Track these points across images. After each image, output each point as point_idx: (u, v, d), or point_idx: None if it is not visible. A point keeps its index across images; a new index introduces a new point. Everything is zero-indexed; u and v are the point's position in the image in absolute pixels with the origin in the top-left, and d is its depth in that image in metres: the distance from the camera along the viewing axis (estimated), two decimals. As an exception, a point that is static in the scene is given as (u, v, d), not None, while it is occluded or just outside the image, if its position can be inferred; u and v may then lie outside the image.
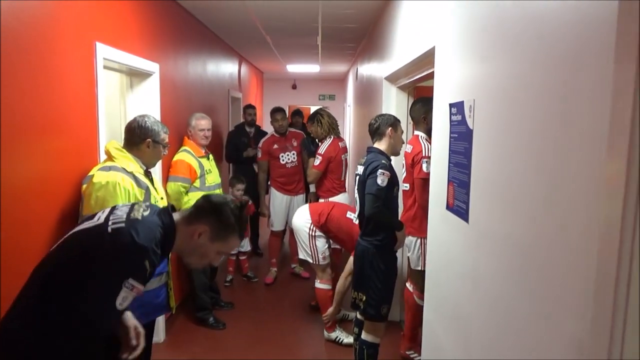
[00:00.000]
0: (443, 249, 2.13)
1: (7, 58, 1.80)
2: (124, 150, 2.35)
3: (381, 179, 2.61)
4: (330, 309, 3.57)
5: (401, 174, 3.28)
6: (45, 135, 2.08)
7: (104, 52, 2.60)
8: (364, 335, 2.83)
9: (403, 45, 3.15)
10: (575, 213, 1.00)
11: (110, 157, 2.30)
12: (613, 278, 0.86)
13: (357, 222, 3.24)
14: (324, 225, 3.63)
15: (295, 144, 4.97)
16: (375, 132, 2.85)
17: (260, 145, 5.00)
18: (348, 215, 3.57)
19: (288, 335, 3.82)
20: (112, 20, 2.77)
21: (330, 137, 4.45)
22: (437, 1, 2.20)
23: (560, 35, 1.08)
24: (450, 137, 1.95)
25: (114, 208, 1.60)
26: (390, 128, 2.80)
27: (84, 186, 2.21)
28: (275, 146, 4.91)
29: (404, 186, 3.21)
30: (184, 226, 1.61)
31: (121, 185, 2.17)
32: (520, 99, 1.30)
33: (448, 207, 1.98)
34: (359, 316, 2.99)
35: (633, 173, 0.83)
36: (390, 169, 2.69)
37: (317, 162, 4.39)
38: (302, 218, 3.73)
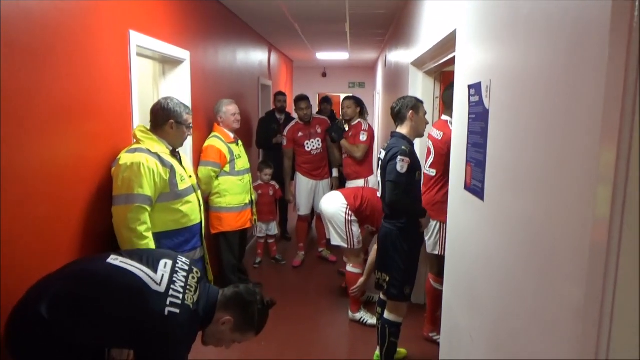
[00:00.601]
0: (461, 228, 2.17)
1: (46, 45, 1.92)
2: (149, 132, 2.48)
3: (400, 165, 2.63)
4: (361, 279, 3.61)
5: (424, 158, 3.31)
6: (82, 119, 2.21)
7: (137, 39, 2.72)
8: (386, 315, 2.90)
9: (428, 30, 3.16)
10: (574, 193, 1.04)
11: (137, 140, 2.44)
12: (604, 249, 0.90)
13: None
14: (360, 207, 3.68)
15: (319, 130, 5.03)
16: (397, 116, 2.87)
17: (285, 133, 5.09)
18: (379, 195, 3.61)
19: (314, 315, 3.93)
20: (145, 8, 2.89)
21: (365, 120, 4.76)
22: (459, -16, 2.22)
23: (565, 18, 1.11)
24: (469, 118, 1.98)
25: (174, 269, 1.75)
26: (411, 111, 2.82)
27: (113, 168, 2.35)
28: (300, 134, 4.98)
29: (430, 172, 3.23)
30: (217, 311, 1.81)
31: (145, 166, 2.30)
32: (531, 81, 1.33)
33: (466, 187, 2.02)
34: (382, 297, 3.06)
35: (622, 161, 0.86)
36: (411, 154, 2.70)
37: (363, 137, 4.63)
38: (337, 203, 3.75)
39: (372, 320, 3.63)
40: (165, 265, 1.75)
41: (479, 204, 1.80)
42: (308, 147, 5.00)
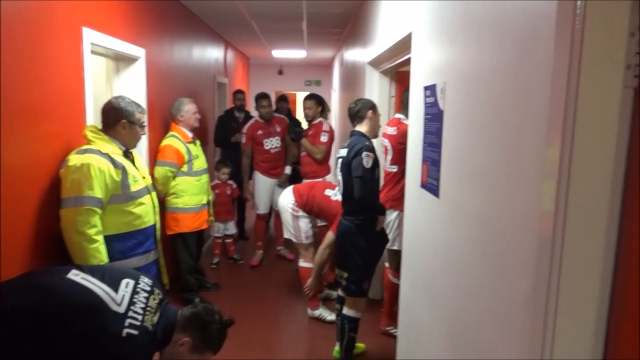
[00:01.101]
0: (418, 225, 2.24)
1: (-4, 42, 1.85)
2: (100, 132, 2.41)
3: (366, 161, 2.70)
4: (310, 280, 3.66)
5: (381, 156, 3.39)
6: (35, 119, 2.13)
7: (91, 37, 2.64)
8: (345, 311, 2.96)
9: (384, 31, 3.24)
10: (524, 189, 1.12)
11: (87, 140, 2.37)
12: (550, 241, 0.97)
13: (335, 198, 3.37)
14: (306, 204, 3.74)
15: (278, 129, 5.03)
16: (356, 115, 2.93)
17: (244, 130, 5.05)
18: (325, 193, 3.67)
19: (273, 314, 3.95)
20: (99, 5, 2.81)
21: (326, 119, 4.73)
22: (414, -12, 2.29)
23: (514, 21, 1.19)
24: (425, 119, 2.06)
25: (135, 289, 1.74)
26: (370, 111, 2.90)
27: (62, 170, 2.27)
28: (260, 132, 4.97)
29: (392, 168, 3.31)
30: (175, 332, 1.80)
31: (95, 167, 2.23)
32: (483, 82, 1.40)
33: (422, 185, 2.10)
34: (340, 293, 3.11)
35: (565, 158, 0.94)
36: (373, 150, 2.78)
37: (324, 138, 4.60)
38: (286, 199, 3.83)
39: (331, 316, 3.69)
40: (126, 285, 1.74)
41: (435, 201, 1.88)
42: (267, 146, 5.00)
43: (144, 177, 2.55)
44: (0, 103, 1.88)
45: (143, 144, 3.57)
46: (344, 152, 2.88)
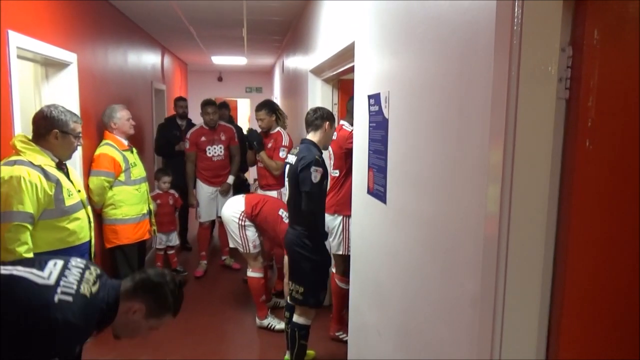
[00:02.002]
0: (366, 231, 2.28)
1: None
2: (31, 143, 2.27)
3: (314, 176, 2.69)
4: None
5: (329, 161, 3.44)
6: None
7: (17, 40, 2.48)
8: (295, 319, 2.95)
9: (326, 39, 3.28)
10: (469, 193, 1.17)
11: (16, 151, 2.22)
12: (495, 242, 1.02)
13: (287, 221, 3.34)
14: (255, 216, 3.68)
15: (223, 137, 4.94)
16: (312, 123, 2.92)
17: (188, 136, 4.92)
18: (279, 213, 3.61)
19: (220, 325, 3.87)
20: (26, 7, 2.65)
21: (284, 129, 4.48)
22: (356, -1, 2.34)
23: (455, 29, 1.24)
24: (370, 127, 2.10)
25: (66, 266, 1.59)
26: (327, 122, 2.88)
27: None
28: (203, 138, 4.86)
29: (334, 172, 3.34)
30: (122, 301, 1.66)
31: (27, 180, 2.11)
32: (426, 91, 1.45)
33: (369, 192, 2.14)
34: (289, 301, 3.10)
35: (508, 162, 0.99)
36: (322, 163, 2.78)
37: (282, 153, 4.27)
38: (233, 207, 3.71)
39: (279, 325, 3.66)
40: (54, 265, 1.61)
41: (382, 207, 1.92)
42: (209, 153, 4.89)
43: (79, 191, 2.43)
44: None
45: (76, 154, 3.38)
46: (292, 159, 2.88)
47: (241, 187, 5.21)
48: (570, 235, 0.97)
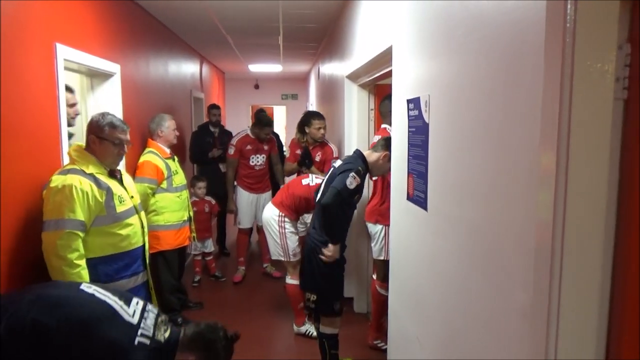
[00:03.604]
0: (404, 238, 2.24)
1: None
2: (85, 151, 2.33)
3: (350, 181, 2.65)
4: None
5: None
6: (7, 138, 2.05)
7: (64, 53, 2.58)
8: (321, 329, 2.93)
9: (362, 44, 3.26)
10: (517, 198, 1.12)
11: (72, 160, 2.30)
12: (548, 253, 0.97)
13: (314, 183, 3.41)
14: (290, 206, 3.62)
15: (266, 147, 4.96)
16: (377, 144, 2.93)
17: (233, 142, 4.93)
18: (303, 183, 3.61)
19: (258, 331, 3.87)
20: (72, 21, 2.75)
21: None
22: (393, 1, 2.31)
23: (501, 29, 1.20)
24: (409, 131, 2.06)
25: (145, 308, 1.81)
26: (387, 153, 2.80)
27: (44, 191, 2.20)
28: (249, 147, 4.88)
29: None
30: (179, 351, 1.79)
31: (78, 188, 2.16)
32: (468, 94, 1.41)
33: (408, 198, 2.10)
34: (304, 309, 3.11)
35: (562, 164, 0.94)
36: (363, 176, 2.76)
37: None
38: (269, 213, 3.73)
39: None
40: (137, 303, 1.80)
41: (423, 214, 1.87)
42: (252, 162, 4.92)
43: (132, 197, 2.48)
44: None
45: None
46: (337, 163, 2.90)
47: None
48: (630, 243, 0.91)
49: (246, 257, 5.21)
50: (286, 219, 3.64)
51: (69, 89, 2.68)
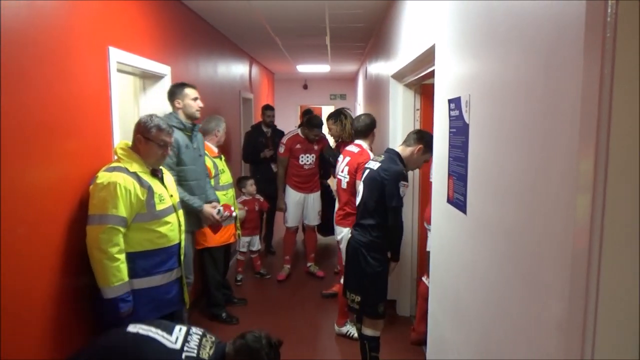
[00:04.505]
0: (445, 241, 2.18)
1: (23, 63, 1.89)
2: (130, 150, 2.43)
3: (402, 190, 2.69)
4: None
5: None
6: (62, 138, 2.18)
7: (117, 55, 2.70)
8: (364, 330, 2.90)
9: (407, 43, 3.21)
10: (555, 204, 1.06)
11: (117, 158, 2.40)
12: (585, 262, 0.91)
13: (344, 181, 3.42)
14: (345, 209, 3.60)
15: (316, 147, 4.98)
16: (409, 138, 2.91)
17: (283, 141, 4.99)
18: (343, 187, 3.57)
19: (299, 329, 3.90)
20: (124, 24, 2.88)
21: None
22: (436, 0, 2.26)
23: (539, 34, 1.14)
24: (450, 132, 2.01)
25: (188, 332, 1.94)
26: (421, 146, 2.81)
27: (91, 187, 2.31)
28: (298, 146, 4.91)
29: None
30: None
31: (121, 186, 2.25)
32: (509, 95, 1.35)
33: (448, 200, 2.04)
34: (348, 310, 3.09)
35: (600, 170, 0.89)
36: (406, 177, 2.78)
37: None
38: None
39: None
40: (179, 330, 1.93)
41: (462, 217, 1.82)
42: (302, 161, 4.95)
43: (171, 196, 2.56)
44: (29, 124, 1.93)
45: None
46: (374, 165, 2.86)
47: (324, 193, 5.23)
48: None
49: (292, 256, 5.26)
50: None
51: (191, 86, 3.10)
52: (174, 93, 3.24)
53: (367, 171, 2.91)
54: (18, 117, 1.85)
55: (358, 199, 2.97)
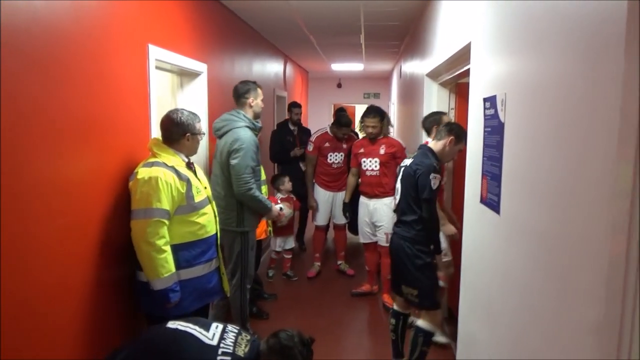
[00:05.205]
0: (477, 242, 2.15)
1: (66, 61, 1.96)
2: (164, 145, 2.48)
3: (434, 182, 2.74)
4: None
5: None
6: (102, 133, 2.24)
7: (156, 53, 2.77)
8: (420, 323, 2.88)
9: (442, 42, 3.17)
10: (592, 207, 1.03)
11: (153, 154, 2.46)
12: (623, 265, 0.89)
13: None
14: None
15: (345, 146, 4.96)
16: (439, 132, 2.95)
17: (312, 139, 5.00)
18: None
19: (327, 326, 3.91)
20: (163, 22, 2.95)
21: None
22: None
23: (580, 30, 1.11)
24: (484, 131, 1.98)
25: (224, 329, 1.98)
26: (451, 137, 2.84)
27: (131, 182, 2.38)
28: (327, 144, 4.91)
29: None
30: None
31: (163, 180, 2.31)
32: (547, 94, 1.32)
33: (482, 200, 2.01)
34: (395, 307, 3.06)
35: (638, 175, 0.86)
36: (439, 170, 2.80)
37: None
38: None
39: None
40: (216, 327, 1.97)
41: (495, 218, 1.79)
42: (330, 159, 4.94)
43: (205, 188, 2.62)
44: (69, 119, 2.00)
45: (204, 155, 3.69)
46: (407, 162, 2.93)
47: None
48: None
49: (322, 253, 5.28)
50: None
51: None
52: (249, 90, 3.33)
53: (402, 169, 2.98)
54: (59, 112, 1.91)
55: (397, 198, 3.02)
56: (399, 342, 3.07)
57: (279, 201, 4.37)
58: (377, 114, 4.21)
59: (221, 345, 1.86)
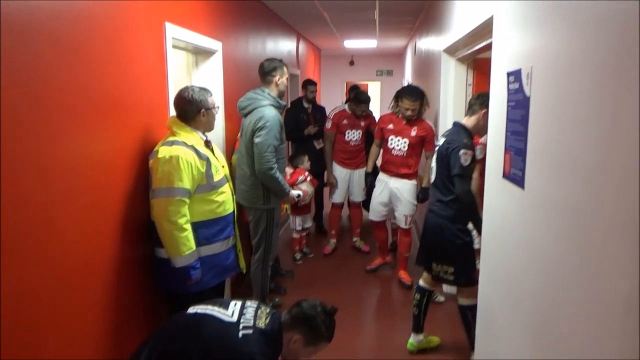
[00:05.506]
0: (499, 218, 2.14)
1: (84, 40, 1.95)
2: (183, 124, 2.48)
3: (464, 159, 2.74)
4: None
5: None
6: (120, 112, 2.25)
7: (173, 31, 2.76)
8: (462, 301, 2.90)
9: (462, 16, 3.10)
10: (624, 179, 1.02)
11: (172, 132, 2.46)
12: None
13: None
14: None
15: (362, 123, 4.93)
16: (470, 107, 2.92)
17: (330, 116, 4.97)
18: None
19: (342, 303, 3.93)
20: (180, 1, 2.93)
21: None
22: (497, -32, 2.16)
23: (613, 5, 1.08)
24: (508, 106, 1.95)
25: (243, 305, 2.00)
26: (485, 110, 2.75)
27: (151, 161, 2.39)
28: (345, 121, 4.88)
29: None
30: (284, 332, 1.94)
31: (183, 159, 2.32)
32: (576, 66, 1.29)
33: (504, 176, 1.99)
34: (421, 283, 3.08)
35: None
36: (471, 147, 2.79)
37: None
38: None
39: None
40: (235, 305, 1.99)
41: (519, 193, 1.78)
42: (348, 137, 4.92)
43: (223, 166, 2.64)
44: (88, 98, 2.01)
45: (220, 135, 3.69)
46: (441, 141, 2.95)
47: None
48: None
49: (338, 230, 5.31)
50: None
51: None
52: (275, 68, 3.32)
53: (436, 149, 3.00)
54: (78, 91, 1.91)
55: (432, 177, 3.02)
56: (421, 316, 3.11)
57: (300, 179, 4.35)
58: (418, 96, 3.97)
59: (241, 320, 1.89)
